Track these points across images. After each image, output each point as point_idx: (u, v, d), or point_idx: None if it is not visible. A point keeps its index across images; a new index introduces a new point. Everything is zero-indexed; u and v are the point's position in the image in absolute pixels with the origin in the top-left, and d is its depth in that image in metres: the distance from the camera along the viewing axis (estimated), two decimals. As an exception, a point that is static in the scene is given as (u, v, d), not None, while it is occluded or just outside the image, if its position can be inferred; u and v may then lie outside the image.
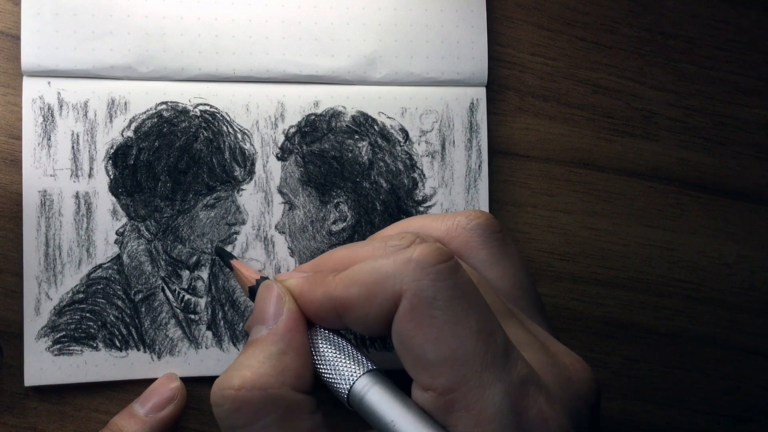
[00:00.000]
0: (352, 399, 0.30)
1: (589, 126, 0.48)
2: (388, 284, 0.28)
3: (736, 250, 0.49)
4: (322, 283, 0.30)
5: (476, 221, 0.34)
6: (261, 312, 0.31)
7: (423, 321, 0.27)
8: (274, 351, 0.30)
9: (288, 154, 0.44)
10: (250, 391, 0.28)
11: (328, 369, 0.31)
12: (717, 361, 0.49)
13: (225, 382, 0.29)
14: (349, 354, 0.31)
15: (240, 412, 0.28)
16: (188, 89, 0.43)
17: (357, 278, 0.29)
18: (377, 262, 0.29)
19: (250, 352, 0.30)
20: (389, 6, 0.45)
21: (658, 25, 0.48)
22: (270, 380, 0.29)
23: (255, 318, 0.31)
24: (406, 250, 0.29)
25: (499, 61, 0.47)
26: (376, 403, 0.29)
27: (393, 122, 0.45)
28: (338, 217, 0.44)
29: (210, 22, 0.43)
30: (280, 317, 0.30)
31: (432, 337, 0.27)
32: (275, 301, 0.31)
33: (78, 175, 0.42)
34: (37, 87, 0.42)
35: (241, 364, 0.29)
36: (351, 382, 0.30)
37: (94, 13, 0.42)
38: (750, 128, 0.49)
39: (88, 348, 0.42)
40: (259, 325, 0.31)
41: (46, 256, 0.41)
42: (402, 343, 0.28)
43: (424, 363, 0.27)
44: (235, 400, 0.28)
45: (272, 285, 0.32)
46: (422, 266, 0.28)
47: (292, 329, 0.30)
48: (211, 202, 0.43)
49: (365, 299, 0.29)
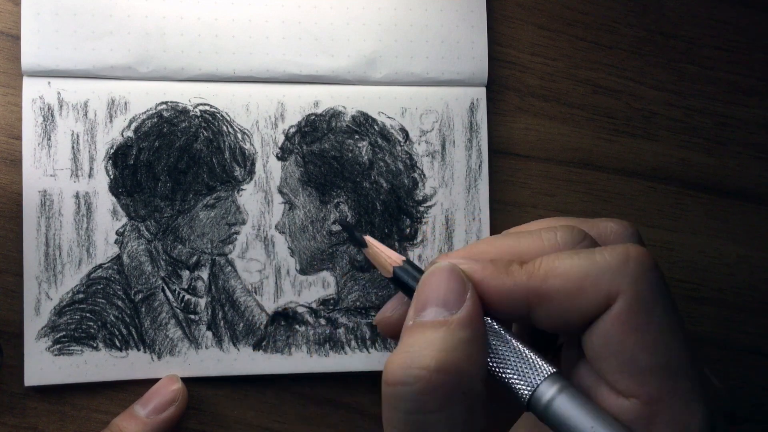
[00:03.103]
0: (534, 404, 0.27)
1: (589, 126, 0.48)
2: (602, 282, 0.27)
3: (736, 250, 0.49)
4: (509, 272, 0.29)
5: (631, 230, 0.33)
6: (437, 293, 0.29)
7: (640, 325, 0.26)
8: (463, 337, 0.27)
9: (288, 154, 0.44)
10: (446, 375, 0.26)
11: (505, 367, 0.28)
12: (717, 361, 0.49)
13: (414, 361, 0.26)
14: (525, 352, 0.28)
15: (431, 396, 0.26)
16: (188, 89, 0.43)
17: (560, 270, 0.28)
18: (585, 256, 0.27)
19: (432, 334, 0.27)
20: (389, 6, 0.45)
21: (658, 25, 0.48)
22: (465, 367, 0.27)
23: (426, 299, 0.29)
24: (617, 248, 0.27)
25: (499, 61, 0.47)
26: (569, 412, 0.27)
27: (393, 122, 0.45)
28: (338, 217, 0.44)
29: (210, 22, 0.43)
30: (464, 303, 0.28)
31: (648, 344, 0.26)
32: (457, 283, 0.29)
33: (78, 175, 0.42)
34: (37, 87, 0.42)
35: (426, 344, 0.27)
36: (534, 385, 0.27)
37: (94, 13, 0.42)
38: (750, 128, 0.49)
39: (88, 348, 0.42)
40: (435, 307, 0.28)
41: (46, 256, 0.41)
42: (608, 345, 0.27)
43: (633, 369, 0.26)
44: (428, 382, 0.26)
45: (452, 267, 0.29)
46: (642, 269, 0.27)
47: (478, 318, 0.28)
48: (211, 202, 0.43)
49: (570, 294, 0.27)
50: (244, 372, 0.43)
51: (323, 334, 0.44)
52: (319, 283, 0.44)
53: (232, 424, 0.44)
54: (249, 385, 0.44)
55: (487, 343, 0.29)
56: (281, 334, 0.43)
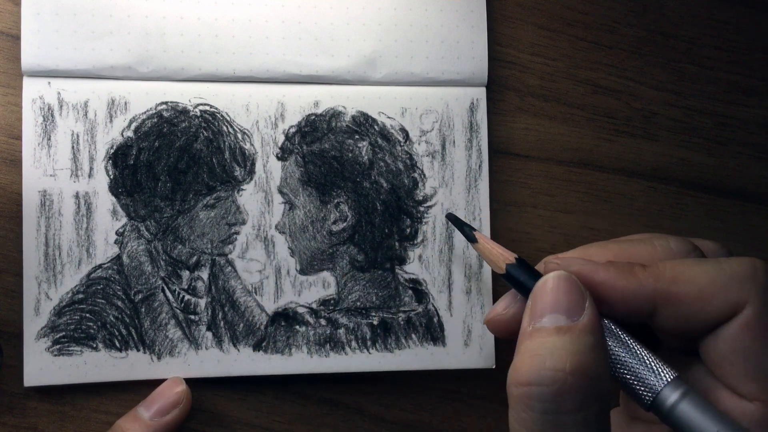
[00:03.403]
0: (658, 406, 0.29)
1: (589, 126, 0.48)
2: (731, 290, 0.28)
3: (736, 250, 0.49)
4: (632, 273, 0.30)
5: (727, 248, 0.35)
6: (556, 302, 0.30)
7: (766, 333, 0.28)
8: (589, 342, 0.28)
9: (288, 154, 0.44)
10: (581, 378, 0.27)
11: (626, 370, 0.30)
12: (717, 361, 0.48)
13: (547, 363, 0.28)
14: (644, 356, 0.30)
15: (567, 397, 0.27)
16: (188, 89, 0.43)
17: (688, 275, 0.29)
18: (714, 264, 0.29)
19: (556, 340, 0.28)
20: (389, 6, 0.45)
21: (658, 25, 0.48)
22: (595, 370, 0.28)
23: (546, 306, 0.30)
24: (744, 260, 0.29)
25: (499, 61, 0.47)
26: (692, 414, 0.28)
27: (393, 122, 0.45)
28: (338, 217, 0.44)
29: (210, 22, 0.43)
30: (583, 310, 0.29)
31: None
32: (576, 290, 0.30)
33: (78, 175, 0.42)
34: (37, 87, 0.42)
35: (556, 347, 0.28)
36: (656, 390, 0.29)
37: (94, 13, 0.42)
38: (750, 128, 0.49)
39: (88, 348, 0.42)
40: (554, 314, 0.29)
41: (46, 256, 0.41)
42: (734, 350, 0.28)
43: (759, 374, 0.28)
44: (564, 383, 0.27)
45: (569, 275, 0.30)
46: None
47: (599, 323, 0.29)
48: (211, 202, 0.43)
49: (697, 298, 0.29)
50: (245, 372, 0.43)
51: (323, 334, 0.44)
52: (319, 283, 0.44)
53: (232, 424, 0.44)
54: (249, 386, 0.44)
55: (608, 350, 0.30)
56: (281, 334, 0.43)
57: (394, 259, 0.44)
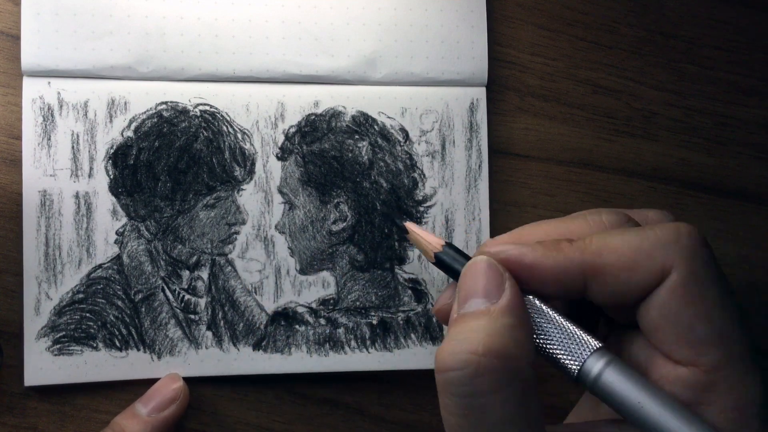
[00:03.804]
0: (583, 377, 0.29)
1: (589, 126, 0.48)
2: (656, 256, 0.28)
3: (736, 250, 0.49)
4: (560, 249, 0.30)
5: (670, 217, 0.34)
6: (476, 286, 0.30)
7: (695, 297, 0.27)
8: (507, 323, 0.28)
9: (288, 154, 0.44)
10: (494, 358, 0.27)
11: (551, 344, 0.29)
12: (717, 361, 0.48)
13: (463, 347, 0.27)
14: (571, 329, 0.29)
15: (482, 379, 0.27)
16: (188, 89, 0.43)
17: (614, 246, 0.29)
18: (638, 233, 0.29)
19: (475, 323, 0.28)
20: (389, 6, 0.45)
21: (658, 25, 0.48)
22: (512, 350, 0.27)
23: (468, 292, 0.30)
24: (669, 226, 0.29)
25: (499, 61, 0.47)
26: (616, 384, 0.28)
27: (393, 122, 0.45)
28: (338, 217, 0.44)
29: (210, 22, 0.43)
30: (503, 291, 0.29)
31: (703, 315, 0.27)
32: (494, 275, 0.30)
33: (78, 175, 0.42)
34: (37, 87, 0.42)
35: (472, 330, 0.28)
36: (581, 360, 0.29)
37: (94, 13, 0.42)
38: (750, 128, 0.49)
39: (88, 348, 0.42)
40: (476, 299, 0.29)
41: (46, 256, 0.41)
42: (665, 316, 0.28)
43: (690, 339, 0.27)
44: (478, 366, 0.27)
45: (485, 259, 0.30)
46: (695, 245, 0.28)
47: (519, 304, 0.29)
48: (211, 202, 0.43)
49: (625, 268, 0.28)
50: (244, 372, 0.43)
51: (323, 334, 0.44)
52: (319, 283, 0.44)
53: (232, 424, 0.44)
54: (249, 385, 0.44)
55: (531, 328, 0.30)
56: (281, 334, 0.43)
57: (394, 259, 0.44)
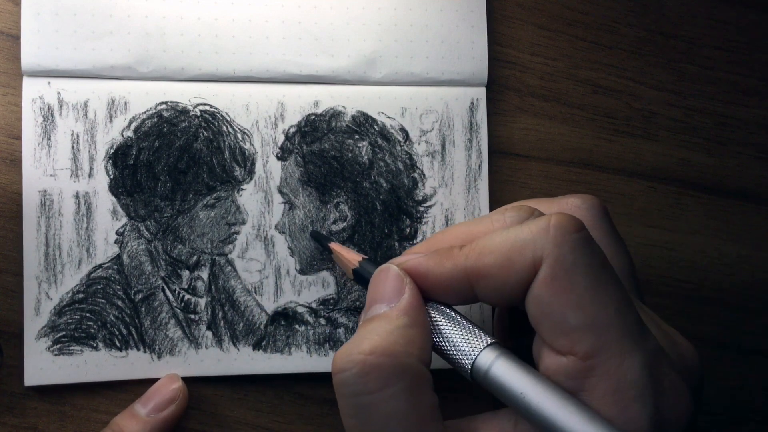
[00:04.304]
0: (475, 373, 0.30)
1: (589, 126, 0.48)
2: (527, 251, 0.28)
3: (736, 250, 0.49)
4: (449, 257, 0.31)
5: (590, 202, 0.35)
6: (379, 292, 0.31)
7: (565, 286, 0.28)
8: (400, 324, 0.30)
9: (288, 154, 0.44)
10: (380, 357, 0.28)
11: (448, 344, 0.31)
12: (717, 361, 0.49)
13: (352, 348, 0.29)
14: (468, 328, 0.31)
15: (369, 377, 0.28)
16: (188, 89, 0.43)
17: (491, 247, 0.29)
18: (513, 230, 0.29)
19: (373, 325, 0.30)
20: (389, 6, 0.45)
21: (658, 25, 0.48)
22: (399, 348, 0.29)
23: (372, 298, 0.32)
24: (541, 218, 0.29)
25: (499, 61, 0.47)
26: (502, 376, 0.29)
27: (393, 122, 0.45)
28: (338, 217, 0.44)
29: (210, 22, 0.43)
30: (402, 295, 0.31)
31: (573, 303, 0.28)
32: (394, 280, 0.31)
33: (78, 175, 0.42)
34: (37, 87, 0.42)
35: (367, 332, 0.29)
36: (473, 356, 0.30)
37: (94, 13, 0.42)
38: (750, 128, 0.49)
39: (88, 348, 0.42)
40: (378, 304, 0.31)
41: (46, 256, 0.41)
42: (541, 308, 0.28)
43: (565, 328, 0.28)
44: (364, 365, 0.28)
45: (390, 267, 0.32)
46: (561, 233, 0.28)
47: (415, 306, 0.30)
48: (211, 202, 0.43)
49: (502, 267, 0.29)
50: (244, 372, 0.43)
51: (323, 333, 0.44)
52: (319, 283, 0.44)
53: (232, 424, 0.44)
54: (249, 385, 0.44)
55: (426, 328, 0.31)
56: (281, 333, 0.43)
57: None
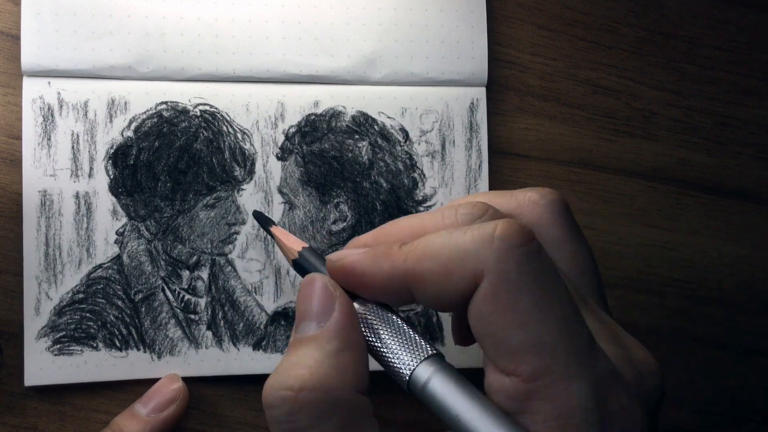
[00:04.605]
0: (412, 385, 0.28)
1: (589, 126, 0.48)
2: (467, 263, 0.26)
3: (736, 250, 0.49)
4: (388, 256, 0.28)
5: (549, 197, 0.32)
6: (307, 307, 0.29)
7: (507, 305, 0.25)
8: (331, 349, 0.27)
9: (288, 154, 0.44)
10: (310, 393, 0.26)
11: (386, 353, 0.28)
12: (717, 361, 0.49)
13: (281, 383, 0.26)
14: (408, 337, 0.28)
15: (300, 415, 0.26)
16: (188, 89, 0.43)
17: (431, 251, 0.27)
18: (454, 236, 0.27)
19: (303, 351, 0.27)
20: (389, 6, 0.45)
21: (658, 25, 0.48)
22: (331, 381, 0.26)
23: (301, 314, 0.29)
24: (486, 225, 0.26)
25: (499, 61, 0.47)
26: (439, 393, 0.27)
27: (393, 122, 0.45)
28: (338, 217, 0.44)
29: (210, 22, 0.43)
30: (332, 313, 0.28)
31: (517, 323, 0.25)
32: (323, 294, 0.28)
33: (78, 175, 0.42)
34: (37, 87, 0.42)
35: (295, 363, 0.27)
36: (411, 368, 0.28)
37: (94, 13, 0.42)
38: (750, 128, 0.49)
39: (88, 348, 0.42)
40: (307, 321, 0.28)
41: (46, 256, 0.41)
42: (482, 325, 0.26)
43: (507, 348, 0.25)
44: (294, 403, 0.26)
45: (317, 278, 0.29)
46: (506, 246, 0.25)
47: (346, 326, 0.28)
48: (211, 202, 0.43)
49: (440, 275, 0.26)
50: (244, 372, 0.43)
51: (323, 334, 0.44)
52: (319, 283, 0.44)
53: (232, 424, 0.44)
54: (249, 385, 0.44)
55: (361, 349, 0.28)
56: (281, 333, 0.43)
57: (394, 259, 0.44)
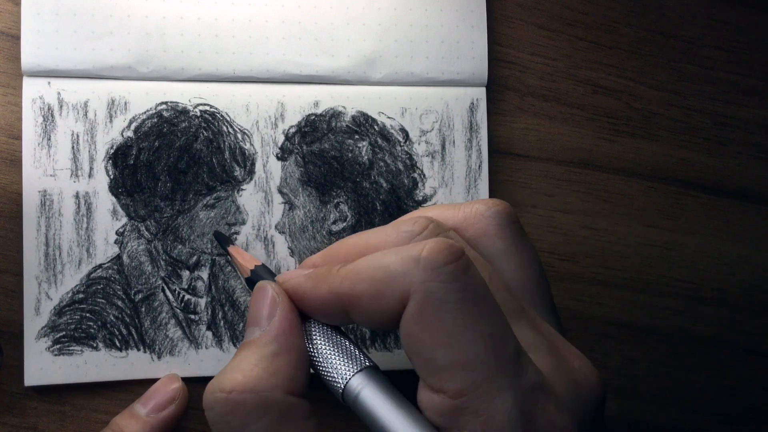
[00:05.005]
0: (346, 396, 0.29)
1: (589, 126, 0.48)
2: (395, 284, 0.27)
3: (736, 250, 0.49)
4: (326, 279, 0.29)
5: (495, 209, 0.33)
6: (254, 313, 0.30)
7: (432, 324, 0.26)
8: (267, 353, 0.29)
9: (288, 154, 0.44)
10: (241, 394, 0.27)
11: (323, 364, 0.30)
12: (717, 361, 0.49)
13: (216, 386, 0.28)
14: (345, 350, 0.30)
15: (231, 416, 0.27)
16: (188, 89, 0.43)
17: (363, 274, 0.28)
18: (384, 258, 0.27)
19: (242, 354, 0.29)
20: (389, 6, 0.45)
21: (658, 25, 0.48)
22: (262, 383, 0.28)
23: (249, 320, 0.31)
24: (414, 246, 0.27)
25: (499, 61, 0.47)
26: (369, 404, 0.28)
27: (393, 122, 0.45)
28: (338, 217, 0.44)
29: (210, 22, 0.43)
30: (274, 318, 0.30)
31: (441, 341, 0.26)
32: (269, 302, 0.30)
33: (78, 175, 0.42)
34: (37, 87, 0.42)
35: (233, 367, 0.29)
36: (346, 379, 0.29)
37: (94, 13, 0.42)
38: (750, 128, 0.49)
39: (88, 348, 0.42)
40: (253, 326, 0.30)
41: (46, 256, 0.41)
42: (410, 344, 0.27)
43: (434, 366, 0.26)
44: (226, 404, 0.27)
45: (266, 286, 0.31)
46: (431, 266, 0.26)
47: (285, 330, 0.29)
48: (211, 202, 0.43)
49: (372, 297, 0.27)
50: (244, 372, 0.43)
51: (323, 334, 0.44)
52: (319, 283, 0.44)
53: (232, 424, 0.44)
54: (249, 385, 0.44)
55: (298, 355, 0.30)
56: (281, 334, 0.43)
57: (394, 259, 0.44)
